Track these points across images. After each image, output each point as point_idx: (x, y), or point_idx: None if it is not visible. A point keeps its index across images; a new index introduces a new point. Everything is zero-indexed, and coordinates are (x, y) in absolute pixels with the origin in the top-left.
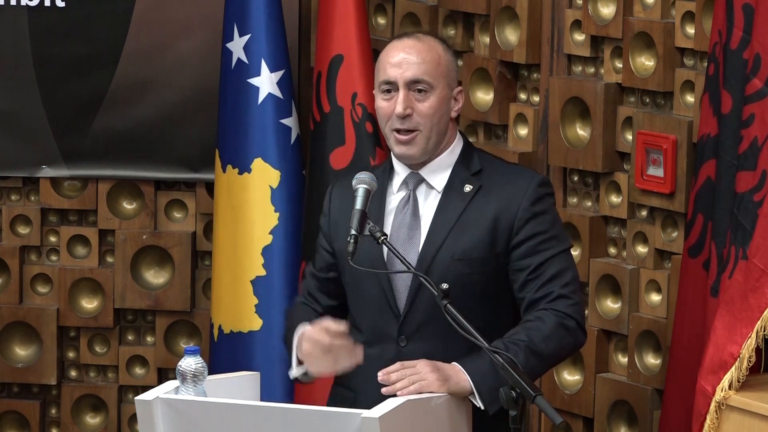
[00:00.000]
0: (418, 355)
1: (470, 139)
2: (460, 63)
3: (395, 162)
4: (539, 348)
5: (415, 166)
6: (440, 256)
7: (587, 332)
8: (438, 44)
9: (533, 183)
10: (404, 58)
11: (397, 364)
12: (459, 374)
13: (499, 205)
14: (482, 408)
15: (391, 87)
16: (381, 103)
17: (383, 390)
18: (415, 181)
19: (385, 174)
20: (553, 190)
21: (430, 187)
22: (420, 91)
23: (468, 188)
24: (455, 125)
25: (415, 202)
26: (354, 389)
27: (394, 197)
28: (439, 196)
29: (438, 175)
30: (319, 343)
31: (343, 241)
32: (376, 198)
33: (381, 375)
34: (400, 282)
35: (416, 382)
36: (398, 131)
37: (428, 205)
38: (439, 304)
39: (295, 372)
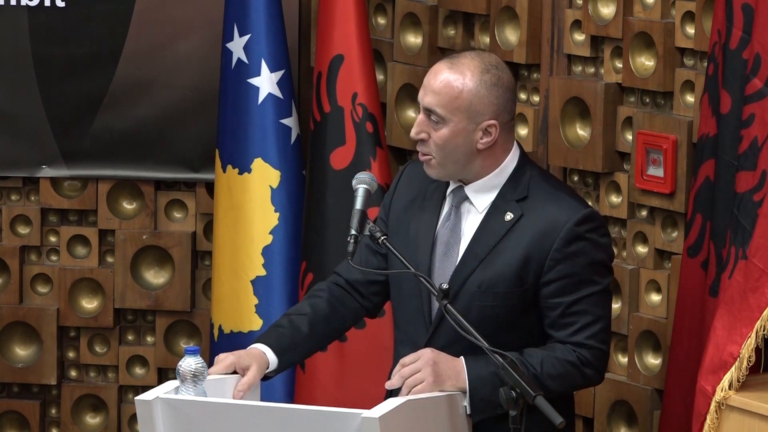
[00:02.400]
0: None
1: None
2: None
3: None
4: (547, 383)
5: (462, 180)
6: (468, 284)
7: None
8: (472, 74)
9: (571, 221)
10: (430, 82)
11: (399, 365)
12: (459, 375)
13: (532, 241)
14: (468, 412)
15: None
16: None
17: (386, 384)
18: (460, 197)
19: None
20: (598, 223)
21: (473, 205)
22: (434, 121)
23: (509, 216)
24: (502, 149)
25: (457, 219)
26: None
27: (446, 203)
28: (479, 217)
29: (481, 195)
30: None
31: (396, 216)
32: (437, 196)
33: (387, 386)
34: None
35: (411, 386)
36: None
37: (468, 224)
38: (439, 303)
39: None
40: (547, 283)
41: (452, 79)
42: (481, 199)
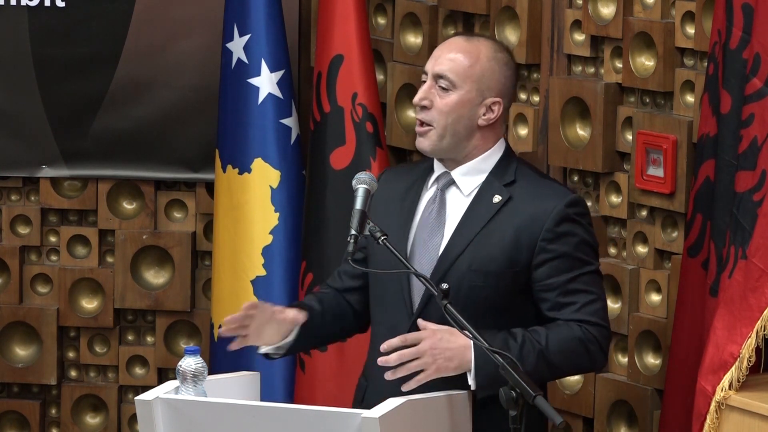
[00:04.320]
0: None
1: None
2: None
3: (435, 159)
4: (552, 359)
5: (449, 165)
6: (458, 264)
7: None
8: (487, 49)
9: (560, 203)
10: (443, 51)
11: (398, 339)
12: (465, 354)
13: (523, 222)
14: (472, 388)
15: (426, 77)
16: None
17: (382, 364)
18: (446, 181)
19: (427, 169)
20: (585, 209)
21: (458, 189)
22: (442, 88)
23: (497, 199)
24: (495, 133)
25: (442, 202)
26: (367, 378)
27: (427, 193)
28: (465, 200)
29: (468, 178)
30: (249, 319)
31: (376, 220)
32: (414, 191)
33: (384, 346)
34: (418, 281)
35: (411, 370)
36: (419, 122)
37: (454, 207)
38: (439, 303)
39: (266, 349)
40: (541, 264)
41: (468, 48)
42: (467, 182)
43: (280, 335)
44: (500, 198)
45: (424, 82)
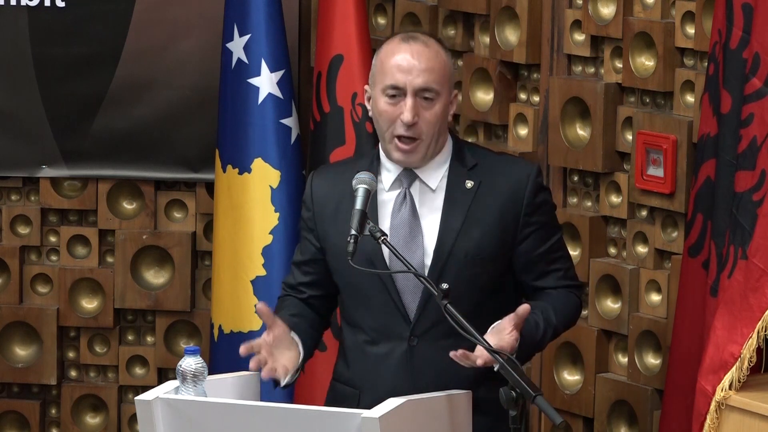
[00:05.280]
0: (429, 352)
1: (470, 140)
2: (459, 63)
3: (384, 159)
4: (558, 331)
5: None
6: (454, 256)
7: (587, 331)
8: (441, 48)
9: (531, 174)
10: (413, 64)
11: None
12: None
13: (502, 200)
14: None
15: (397, 93)
16: (384, 106)
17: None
18: (409, 179)
19: (372, 168)
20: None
21: (424, 184)
22: (426, 99)
23: (469, 184)
24: (448, 124)
25: (412, 201)
26: (358, 387)
27: (387, 194)
28: (436, 194)
29: (432, 173)
30: (269, 346)
31: (334, 236)
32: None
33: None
34: (407, 282)
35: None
36: (400, 138)
37: (426, 203)
38: (439, 304)
39: (287, 379)
40: (526, 237)
41: (435, 53)
42: (432, 176)
43: (295, 355)
44: (472, 183)
45: (393, 96)
